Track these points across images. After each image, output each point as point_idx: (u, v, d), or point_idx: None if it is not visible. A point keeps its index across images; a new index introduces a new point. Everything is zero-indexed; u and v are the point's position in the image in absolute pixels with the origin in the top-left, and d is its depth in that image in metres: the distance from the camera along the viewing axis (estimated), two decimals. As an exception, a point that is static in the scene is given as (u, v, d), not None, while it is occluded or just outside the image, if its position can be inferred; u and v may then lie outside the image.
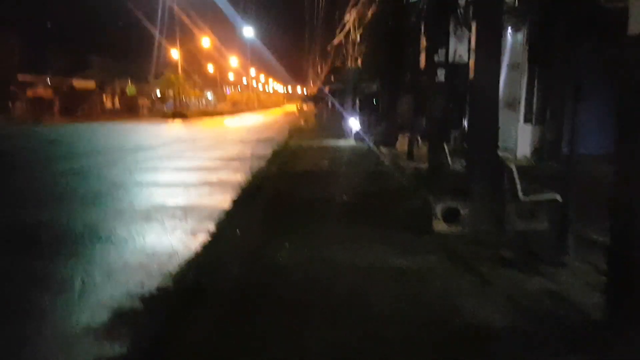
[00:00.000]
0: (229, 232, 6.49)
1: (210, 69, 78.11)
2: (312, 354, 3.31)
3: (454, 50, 8.56)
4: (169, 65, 58.79)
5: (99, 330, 3.86)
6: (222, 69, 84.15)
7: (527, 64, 13.09)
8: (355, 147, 18.58)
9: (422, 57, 9.48)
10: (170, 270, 5.19)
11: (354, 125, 21.94)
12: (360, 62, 27.25)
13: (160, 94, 63.40)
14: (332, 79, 35.54)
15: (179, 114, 51.85)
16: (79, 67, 57.80)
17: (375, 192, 8.66)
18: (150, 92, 63.97)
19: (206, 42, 67.10)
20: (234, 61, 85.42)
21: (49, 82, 51.49)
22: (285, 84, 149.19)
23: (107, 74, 59.54)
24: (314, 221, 6.80)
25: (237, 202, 8.39)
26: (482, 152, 6.16)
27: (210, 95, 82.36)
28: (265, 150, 17.47)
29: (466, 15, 8.05)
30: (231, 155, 16.63)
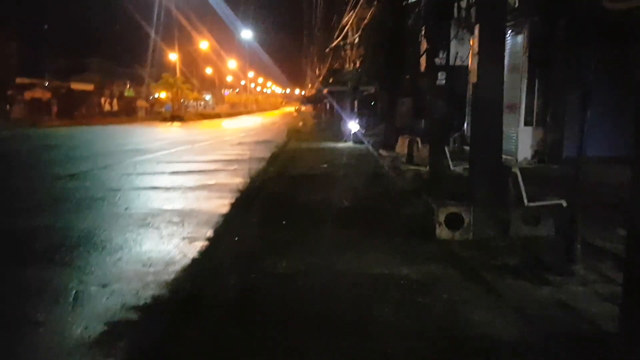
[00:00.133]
0: (226, 239, 6.36)
1: (208, 71, 78.07)
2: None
3: (455, 52, 8.43)
4: (168, 67, 58.68)
5: (91, 344, 3.72)
6: (220, 72, 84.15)
7: (527, 66, 13.01)
8: (354, 149, 18.46)
9: (423, 59, 9.36)
10: (166, 279, 5.05)
11: (353, 127, 21.85)
12: (358, 64, 27.15)
13: (158, 96, 63.28)
14: (330, 81, 35.41)
15: (177, 116, 51.75)
16: (77, 69, 57.71)
17: (375, 196, 8.53)
18: (148, 94, 63.89)
19: (205, 44, 67.07)
20: (232, 64, 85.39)
21: (47, 84, 51.35)
22: (283, 86, 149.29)
23: (105, 77, 59.46)
24: (313, 227, 6.67)
25: (235, 206, 8.27)
26: (486, 157, 6.03)
27: (208, 97, 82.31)
28: (263, 152, 17.36)
29: (467, 17, 7.93)
30: (229, 158, 16.51)
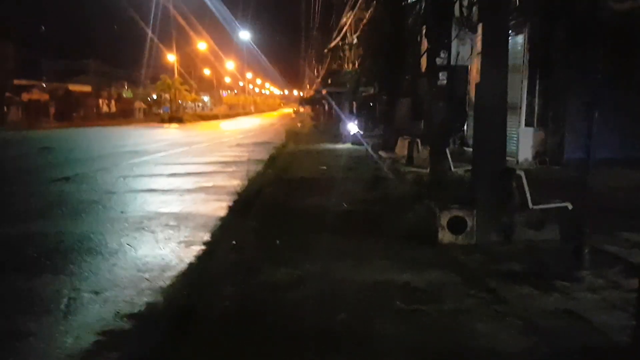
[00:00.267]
0: (223, 243, 6.21)
1: (206, 72, 77.96)
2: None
3: (457, 52, 8.29)
4: (166, 69, 58.57)
5: (82, 356, 3.59)
6: (218, 73, 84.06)
7: (528, 66, 12.89)
8: (353, 151, 18.32)
9: (423, 59, 9.22)
10: (161, 285, 4.92)
11: (352, 128, 21.72)
12: (357, 65, 27.02)
13: (156, 97, 63.15)
14: (329, 82, 35.29)
15: (176, 117, 51.61)
16: (75, 71, 57.58)
17: (375, 199, 8.37)
18: (146, 95, 63.77)
19: (203, 46, 66.96)
20: (230, 65, 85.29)
21: (44, 86, 51.18)
22: (281, 87, 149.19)
23: (103, 78, 59.33)
24: (311, 231, 6.52)
25: (232, 209, 8.13)
26: (489, 159, 5.88)
27: (206, 98, 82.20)
28: (261, 154, 17.24)
29: (469, 16, 7.80)
30: (227, 159, 16.39)
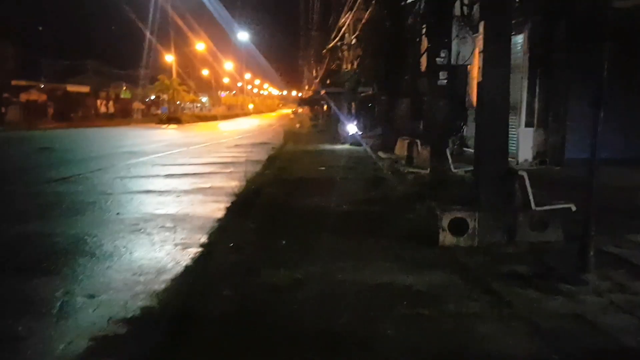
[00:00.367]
0: (221, 245, 6.10)
1: (205, 73, 77.81)
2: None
3: (457, 52, 8.20)
4: (164, 69, 58.43)
5: (74, 363, 3.47)
6: (217, 74, 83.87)
7: (528, 66, 12.81)
8: (352, 151, 18.23)
9: (423, 59, 9.12)
10: (156, 289, 4.79)
11: (351, 129, 21.64)
12: (356, 65, 26.93)
13: (154, 98, 63.02)
14: (327, 82, 35.21)
15: (174, 118, 51.42)
16: (73, 71, 57.47)
17: (375, 200, 8.27)
18: (144, 96, 63.63)
19: (201, 46, 66.84)
20: (229, 65, 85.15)
21: (42, 86, 51.05)
22: (280, 87, 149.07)
23: (101, 79, 59.21)
24: (311, 232, 6.41)
25: (230, 211, 8.02)
26: (491, 159, 5.78)
27: (205, 99, 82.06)
28: (260, 155, 17.14)
29: (470, 14, 7.71)
30: (225, 160, 16.27)
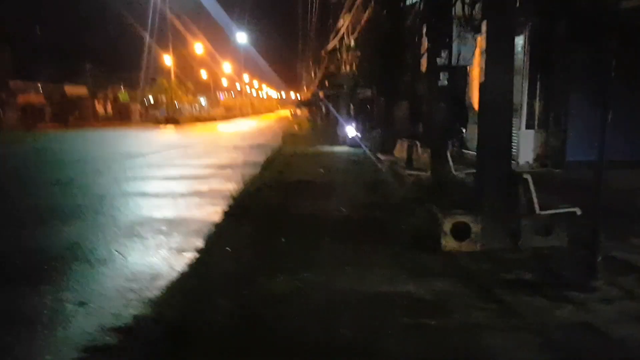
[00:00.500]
0: (217, 250, 5.94)
1: (203, 75, 77.69)
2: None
3: (458, 52, 8.06)
4: (162, 71, 58.30)
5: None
6: (215, 75, 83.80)
7: (529, 67, 12.68)
8: (351, 153, 18.08)
9: (423, 60, 8.98)
10: (150, 296, 4.63)
11: (349, 131, 21.48)
12: (355, 66, 26.80)
13: (153, 99, 62.85)
14: (326, 84, 35.08)
15: (172, 119, 51.29)
16: (71, 73, 57.26)
17: (375, 203, 8.11)
18: (143, 98, 63.46)
19: (199, 48, 66.76)
20: (227, 67, 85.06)
21: (40, 88, 50.87)
22: (278, 89, 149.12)
23: (99, 80, 59.02)
24: (309, 237, 6.26)
25: (227, 214, 7.87)
26: (494, 162, 5.63)
27: (203, 100, 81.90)
28: (258, 157, 16.98)
29: (471, 14, 7.58)
30: (223, 162, 16.12)
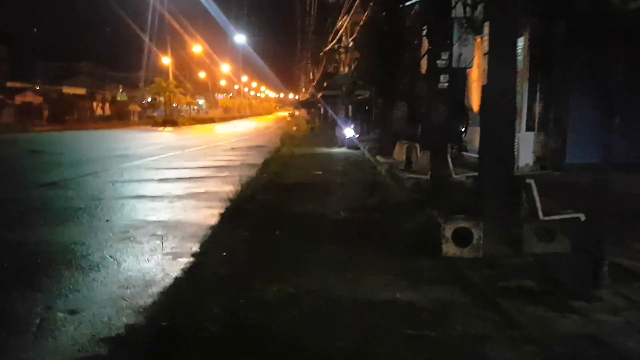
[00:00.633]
0: (213, 255, 5.82)
1: (202, 75, 77.63)
2: None
3: (459, 54, 7.95)
4: (161, 71, 58.20)
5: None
6: (214, 76, 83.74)
7: (529, 69, 12.59)
8: (349, 155, 17.99)
9: (423, 61, 8.88)
10: (143, 304, 4.51)
11: (348, 132, 21.40)
12: (353, 68, 26.73)
13: (151, 100, 62.74)
14: (324, 85, 34.99)
15: (170, 120, 51.15)
16: (69, 73, 57.24)
17: (374, 207, 8.00)
18: (141, 98, 63.38)
19: (198, 48, 66.66)
20: (226, 68, 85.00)
21: (38, 88, 50.77)
22: (277, 90, 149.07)
23: (97, 81, 59.02)
24: (307, 242, 6.14)
25: (224, 217, 7.75)
26: (496, 166, 5.52)
27: (202, 101, 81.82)
28: (256, 158, 16.88)
29: (472, 17, 7.47)
30: (221, 164, 16.01)
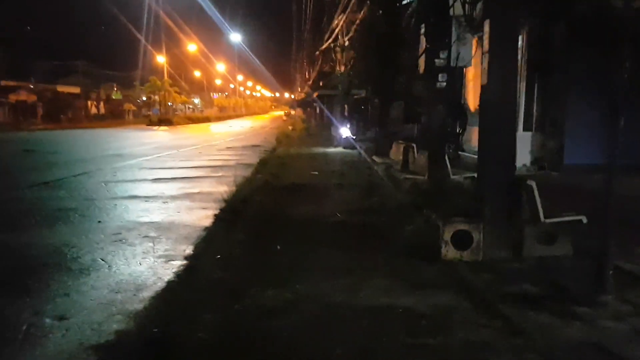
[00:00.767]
0: (207, 258, 5.68)
1: (197, 74, 77.40)
2: None
3: (457, 53, 7.84)
4: (156, 70, 57.99)
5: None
6: (209, 75, 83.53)
7: (526, 68, 12.51)
8: (345, 155, 17.87)
9: (421, 60, 8.77)
10: (134, 309, 4.37)
11: (344, 132, 21.29)
12: (349, 67, 26.58)
13: (146, 99, 62.49)
14: (320, 84, 34.86)
15: (165, 119, 50.89)
16: (64, 72, 56.85)
17: (371, 208, 7.87)
18: (136, 97, 63.11)
19: (193, 47, 66.47)
20: (221, 67, 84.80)
21: (32, 87, 50.38)
22: (273, 90, 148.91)
23: (92, 79, 58.62)
24: (303, 245, 6.02)
25: (218, 219, 7.61)
26: (496, 167, 5.40)
27: (197, 100, 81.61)
28: (251, 158, 16.75)
29: (471, 15, 7.36)
30: (216, 164, 15.87)
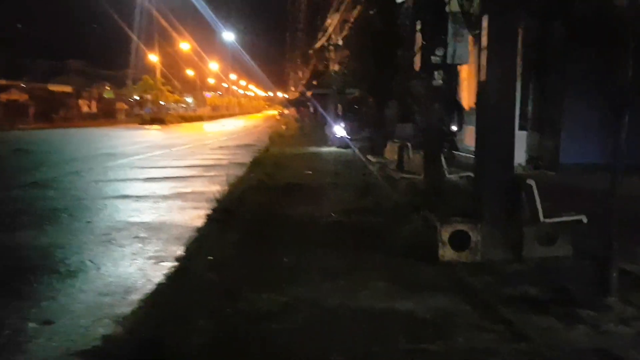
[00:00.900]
0: (199, 259, 5.53)
1: (190, 73, 77.04)
2: None
3: (453, 50, 7.73)
4: (148, 69, 57.61)
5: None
6: (202, 74, 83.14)
7: (522, 67, 12.42)
8: (339, 154, 17.74)
9: (416, 58, 8.64)
10: (122, 313, 4.22)
11: (338, 131, 21.14)
12: (343, 66, 26.45)
13: (138, 98, 62.10)
14: (314, 83, 34.72)
15: (158, 118, 50.51)
16: (56, 71, 56.45)
17: (367, 208, 7.73)
18: (128, 96, 62.70)
19: (186, 46, 66.14)
20: (214, 66, 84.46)
21: (24, 86, 49.94)
22: (266, 89, 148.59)
23: (84, 78, 58.22)
24: (297, 246, 5.88)
25: (211, 219, 7.46)
26: (495, 166, 5.28)
27: (190, 99, 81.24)
28: (244, 157, 16.59)
29: (469, 11, 7.24)
30: (208, 163, 15.73)
